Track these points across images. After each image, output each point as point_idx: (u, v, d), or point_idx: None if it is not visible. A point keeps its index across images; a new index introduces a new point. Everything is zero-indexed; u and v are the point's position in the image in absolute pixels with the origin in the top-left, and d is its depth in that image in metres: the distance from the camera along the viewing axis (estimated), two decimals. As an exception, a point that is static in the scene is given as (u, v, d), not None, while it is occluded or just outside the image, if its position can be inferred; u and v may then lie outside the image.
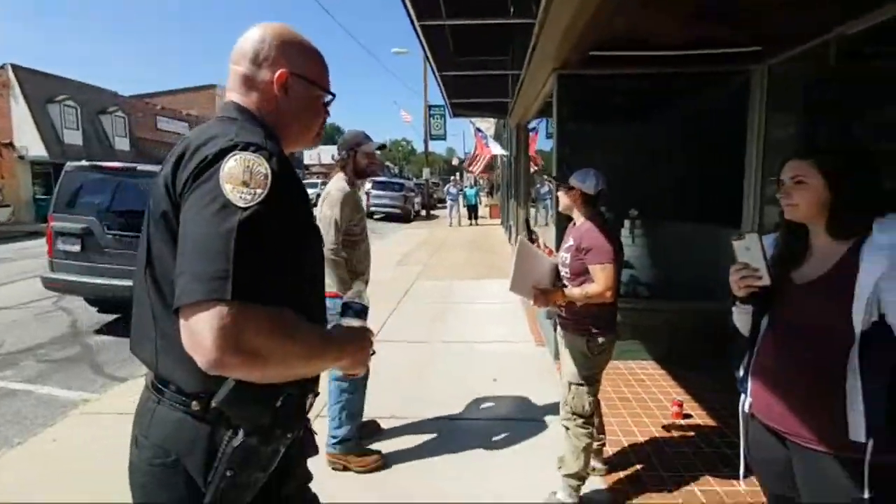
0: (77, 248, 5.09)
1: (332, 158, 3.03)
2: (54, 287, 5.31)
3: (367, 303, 1.19)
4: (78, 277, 5.07)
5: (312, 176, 32.47)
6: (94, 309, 5.85)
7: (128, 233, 4.99)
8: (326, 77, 1.11)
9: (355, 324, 1.10)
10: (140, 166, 5.26)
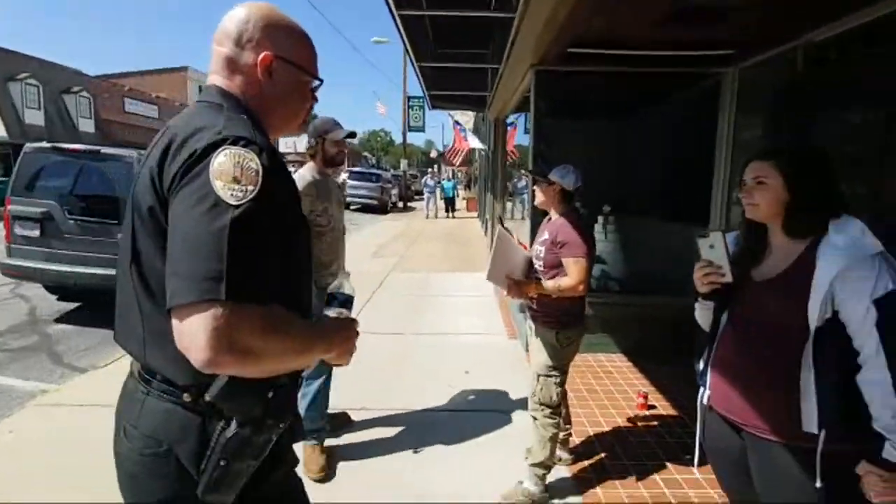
0: (36, 234, 4.87)
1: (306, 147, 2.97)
2: (12, 273, 5.06)
3: (352, 292, 1.19)
4: (37, 264, 4.85)
5: (288, 164, 31.78)
6: (54, 297, 5.63)
7: (90, 218, 4.79)
8: (314, 61, 1.07)
9: (342, 313, 1.12)
10: (104, 149, 5.02)
